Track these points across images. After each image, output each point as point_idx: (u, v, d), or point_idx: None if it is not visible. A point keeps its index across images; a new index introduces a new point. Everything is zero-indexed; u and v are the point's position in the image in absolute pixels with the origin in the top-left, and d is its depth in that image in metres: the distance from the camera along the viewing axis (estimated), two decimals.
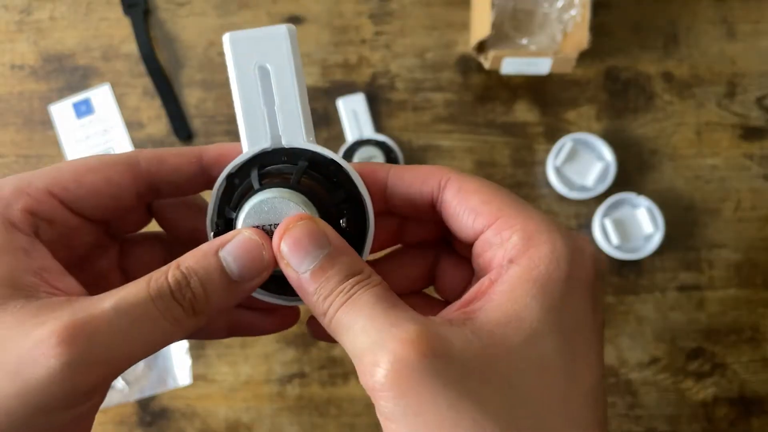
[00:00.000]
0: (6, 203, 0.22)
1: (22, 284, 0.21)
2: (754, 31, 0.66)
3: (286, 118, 0.25)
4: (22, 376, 0.19)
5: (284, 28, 0.24)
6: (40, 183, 0.23)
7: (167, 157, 0.25)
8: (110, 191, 0.24)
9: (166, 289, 0.21)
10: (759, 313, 0.64)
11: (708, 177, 0.65)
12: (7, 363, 0.19)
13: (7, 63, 0.66)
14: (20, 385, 0.19)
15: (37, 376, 0.19)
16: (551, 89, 0.66)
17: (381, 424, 0.21)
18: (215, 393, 0.62)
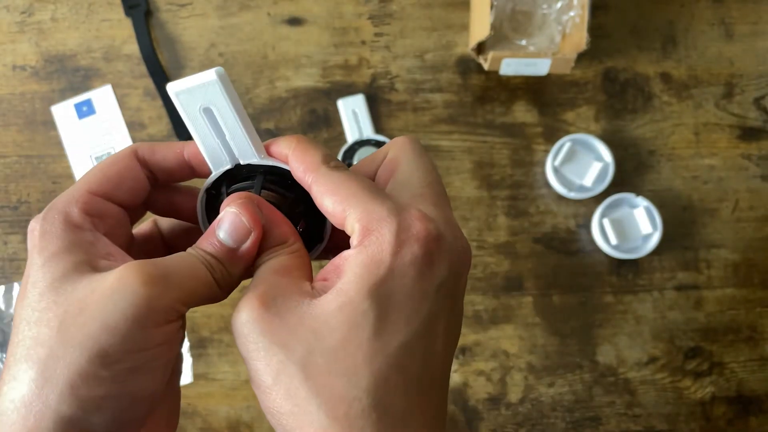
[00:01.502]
0: (65, 212, 0.28)
1: (100, 267, 0.26)
2: (752, 32, 0.67)
3: (237, 144, 0.30)
4: (117, 296, 0.25)
5: (213, 73, 0.28)
6: (81, 188, 0.29)
7: (157, 148, 0.31)
8: (131, 174, 0.30)
9: (200, 255, 0.28)
10: (756, 312, 0.64)
11: (706, 177, 0.65)
12: (104, 293, 0.25)
13: (8, 64, 0.66)
14: (118, 305, 0.24)
15: (129, 294, 0.25)
16: (550, 90, 0.66)
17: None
18: (216, 392, 0.63)
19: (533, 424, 0.63)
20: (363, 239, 0.26)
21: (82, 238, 0.27)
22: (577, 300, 0.64)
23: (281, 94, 0.66)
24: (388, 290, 0.25)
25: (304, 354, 0.25)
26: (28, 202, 0.65)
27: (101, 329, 0.24)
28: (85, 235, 0.27)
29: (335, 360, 0.24)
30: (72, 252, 0.26)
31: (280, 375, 0.25)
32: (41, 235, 0.27)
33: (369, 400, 0.24)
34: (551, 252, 0.64)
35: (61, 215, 0.28)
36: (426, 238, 0.26)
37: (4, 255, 0.64)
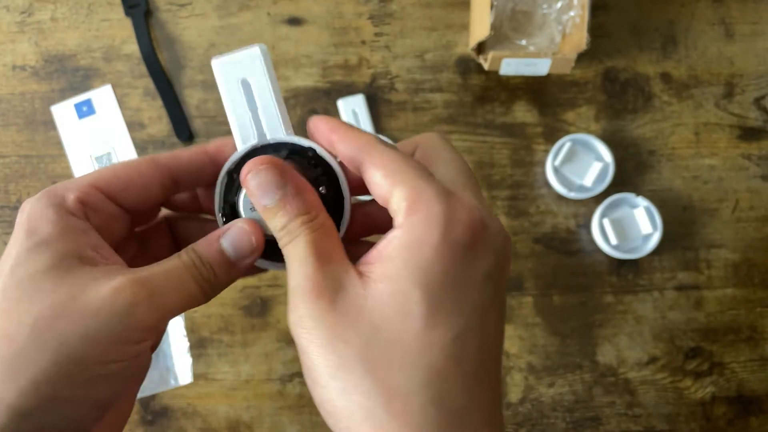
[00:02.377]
0: (62, 196, 0.28)
1: (85, 256, 0.26)
2: (752, 32, 0.67)
3: (268, 118, 0.31)
4: (104, 312, 0.25)
5: (257, 48, 0.31)
6: (86, 180, 0.29)
7: (180, 153, 0.31)
8: (141, 182, 0.30)
9: (191, 263, 0.28)
10: (757, 312, 0.64)
11: (706, 177, 0.65)
12: (90, 305, 0.25)
13: (8, 64, 0.66)
14: (103, 320, 0.25)
15: (115, 312, 0.25)
16: (550, 90, 0.66)
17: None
18: (216, 392, 0.63)
19: (533, 424, 0.63)
20: (409, 217, 0.25)
21: (73, 225, 0.27)
22: (577, 300, 0.64)
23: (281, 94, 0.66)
24: (437, 276, 0.25)
25: (363, 347, 0.24)
26: None
27: (81, 339, 0.24)
28: (77, 223, 0.27)
29: (392, 353, 0.24)
30: (61, 239, 0.26)
31: (339, 370, 0.24)
32: (31, 214, 0.27)
33: (427, 395, 0.24)
34: (551, 252, 0.64)
35: (57, 198, 0.27)
36: (473, 225, 0.26)
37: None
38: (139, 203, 0.30)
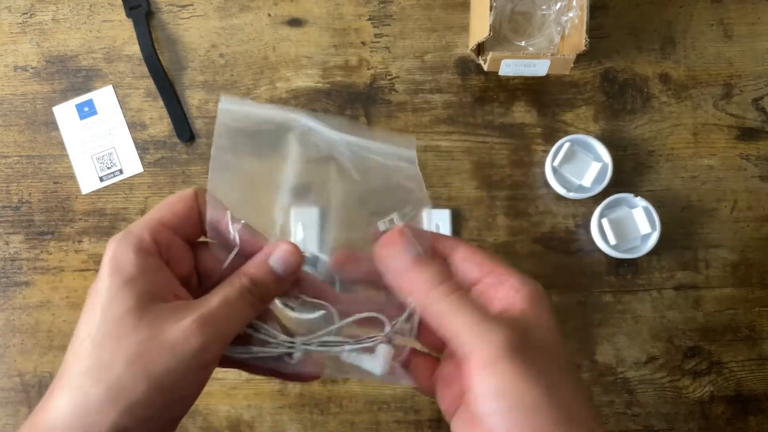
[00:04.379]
0: (140, 237, 0.32)
1: (160, 294, 0.31)
2: (751, 33, 0.67)
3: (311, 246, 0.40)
4: (177, 350, 0.30)
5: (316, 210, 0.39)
6: (153, 218, 0.33)
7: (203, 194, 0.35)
8: (191, 215, 0.34)
9: (245, 288, 0.32)
10: (755, 312, 0.64)
11: (704, 177, 0.65)
12: (167, 343, 0.30)
13: (10, 64, 0.67)
14: (177, 356, 0.30)
15: (187, 350, 0.30)
16: (549, 91, 0.66)
17: (472, 404, 0.30)
18: (217, 391, 0.63)
19: None
20: (524, 287, 0.32)
21: (150, 264, 0.31)
22: (576, 300, 0.64)
23: (281, 95, 0.66)
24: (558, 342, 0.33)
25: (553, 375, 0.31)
26: (29, 202, 0.65)
27: (164, 372, 0.29)
28: (153, 262, 0.32)
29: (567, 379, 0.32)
30: (141, 280, 0.31)
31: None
32: (116, 255, 0.31)
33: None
34: (550, 252, 0.64)
35: (136, 239, 0.32)
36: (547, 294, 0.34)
37: (5, 255, 0.65)
38: (197, 232, 0.34)
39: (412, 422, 0.63)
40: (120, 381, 0.29)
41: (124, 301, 0.30)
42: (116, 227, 0.65)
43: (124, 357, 0.29)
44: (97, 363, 0.29)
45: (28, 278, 0.64)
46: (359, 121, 0.66)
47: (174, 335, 0.30)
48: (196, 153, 0.66)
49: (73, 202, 0.65)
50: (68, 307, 0.64)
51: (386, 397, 0.63)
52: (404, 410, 0.63)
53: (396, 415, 0.63)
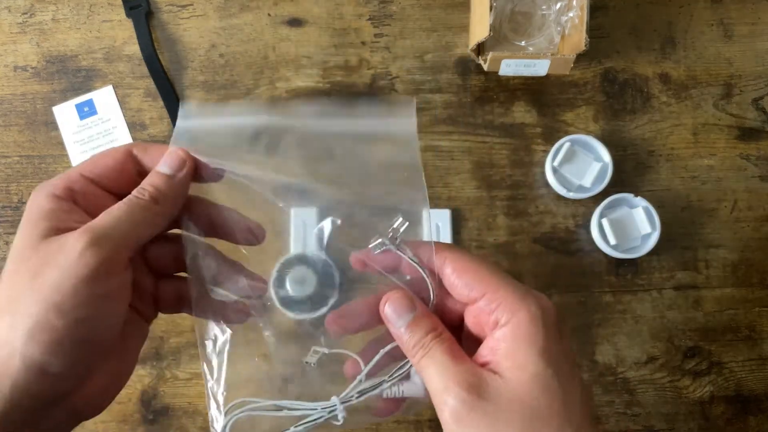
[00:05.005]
0: (53, 184, 0.33)
1: (67, 228, 0.31)
2: (751, 33, 0.67)
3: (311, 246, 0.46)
4: (65, 265, 0.30)
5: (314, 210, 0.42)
6: (74, 170, 0.34)
7: (149, 148, 0.36)
8: (117, 167, 0.35)
9: (134, 194, 0.34)
10: (755, 312, 0.64)
11: (704, 177, 0.65)
12: (54, 260, 0.30)
13: (10, 64, 0.67)
14: (65, 271, 0.30)
15: (75, 263, 0.30)
16: (549, 91, 0.66)
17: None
18: None
19: None
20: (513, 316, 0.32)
21: (58, 207, 0.32)
22: (576, 300, 0.64)
23: (281, 95, 0.66)
24: (555, 355, 0.31)
25: (525, 426, 0.30)
26: None
27: (53, 289, 0.29)
28: (62, 205, 0.33)
29: (550, 423, 0.30)
30: (46, 219, 0.32)
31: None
32: (30, 201, 0.33)
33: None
34: (550, 252, 0.64)
35: (49, 186, 0.33)
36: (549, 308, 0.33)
37: (5, 255, 0.65)
38: (120, 185, 0.35)
39: (411, 422, 0.63)
40: (18, 310, 0.30)
41: (24, 238, 0.32)
42: None
43: (20, 286, 0.30)
44: (5, 294, 0.31)
45: None
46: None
47: (63, 253, 0.30)
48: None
49: None
50: None
51: None
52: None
53: (395, 415, 0.63)
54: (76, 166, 0.35)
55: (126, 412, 0.63)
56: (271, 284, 0.44)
